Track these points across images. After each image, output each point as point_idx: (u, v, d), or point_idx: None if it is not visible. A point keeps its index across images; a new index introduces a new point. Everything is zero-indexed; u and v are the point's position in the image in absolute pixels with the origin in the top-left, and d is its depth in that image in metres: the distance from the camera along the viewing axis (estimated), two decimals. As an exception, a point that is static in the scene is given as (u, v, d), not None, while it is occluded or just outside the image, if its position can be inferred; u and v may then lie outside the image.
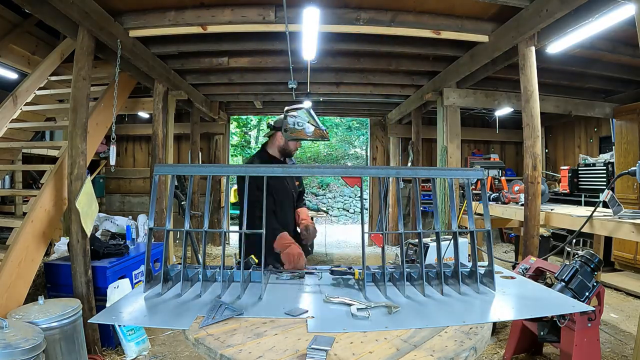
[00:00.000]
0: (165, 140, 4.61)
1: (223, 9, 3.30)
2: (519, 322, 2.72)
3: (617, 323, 3.46)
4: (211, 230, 1.59)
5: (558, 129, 7.34)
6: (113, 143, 3.47)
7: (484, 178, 1.68)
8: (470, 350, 1.09)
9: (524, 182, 3.35)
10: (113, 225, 4.27)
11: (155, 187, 1.57)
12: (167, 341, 3.21)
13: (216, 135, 7.61)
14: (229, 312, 1.31)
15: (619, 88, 5.40)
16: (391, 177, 1.62)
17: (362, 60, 4.70)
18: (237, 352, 1.06)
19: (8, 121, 3.90)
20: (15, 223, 2.98)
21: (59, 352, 2.37)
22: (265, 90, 5.94)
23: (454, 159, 4.71)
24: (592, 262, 2.31)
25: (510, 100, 4.98)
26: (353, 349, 1.08)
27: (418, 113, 6.22)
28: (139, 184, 7.80)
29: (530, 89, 3.22)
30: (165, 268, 1.56)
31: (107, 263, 3.10)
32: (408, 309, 1.36)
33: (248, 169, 1.74)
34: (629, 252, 4.86)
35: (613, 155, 5.34)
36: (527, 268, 2.68)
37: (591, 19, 2.74)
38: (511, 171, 7.77)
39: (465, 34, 3.56)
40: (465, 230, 1.69)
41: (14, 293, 2.67)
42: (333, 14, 3.32)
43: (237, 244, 7.33)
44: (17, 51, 4.24)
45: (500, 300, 1.47)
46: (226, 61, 4.61)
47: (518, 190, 4.37)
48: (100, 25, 3.10)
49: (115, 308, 1.40)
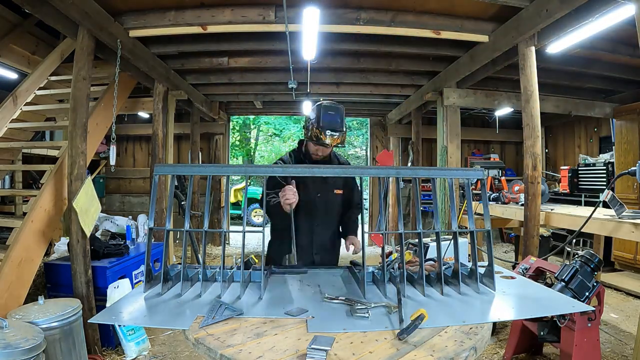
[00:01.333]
0: (165, 140, 4.61)
1: (223, 9, 3.30)
2: (519, 322, 2.72)
3: (617, 323, 3.46)
4: (211, 230, 1.59)
5: (558, 129, 7.34)
6: (113, 143, 3.47)
7: (484, 178, 1.68)
8: (470, 350, 1.09)
9: (524, 182, 3.35)
10: (113, 225, 4.27)
11: (155, 187, 1.57)
12: (167, 341, 3.21)
13: (216, 135, 7.62)
14: (229, 312, 1.31)
15: (619, 88, 5.40)
16: (391, 177, 1.62)
17: (362, 60, 4.70)
18: (237, 352, 1.06)
19: (8, 121, 3.90)
20: (15, 223, 2.98)
21: (59, 352, 2.37)
22: (265, 90, 5.94)
23: (454, 159, 4.71)
24: (592, 262, 2.31)
25: (510, 100, 4.98)
26: (353, 349, 1.08)
27: (418, 113, 6.22)
28: (139, 184, 7.80)
29: (530, 89, 3.22)
30: (165, 268, 1.56)
31: (107, 263, 3.11)
32: (408, 309, 1.36)
33: (248, 169, 1.74)
34: (629, 252, 4.86)
35: (613, 155, 5.34)
36: (527, 268, 2.67)
37: (591, 19, 2.74)
38: (511, 171, 7.78)
39: (465, 34, 3.56)
40: (465, 230, 1.68)
41: (14, 293, 2.68)
42: (333, 14, 3.32)
43: (237, 244, 7.35)
44: (17, 51, 4.24)
45: (500, 300, 1.47)
46: (226, 61, 4.61)
47: (518, 190, 4.37)
48: (100, 25, 3.10)
49: (115, 308, 1.40)
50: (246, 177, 1.74)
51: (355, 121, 13.33)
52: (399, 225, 1.62)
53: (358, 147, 14.15)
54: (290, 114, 9.87)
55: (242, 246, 1.55)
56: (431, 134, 6.14)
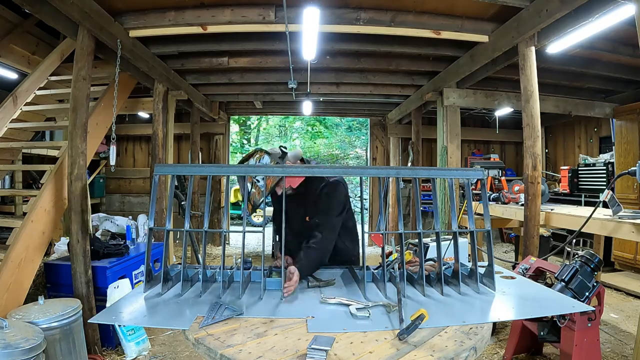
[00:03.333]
0: (165, 140, 4.61)
1: (223, 9, 3.30)
2: (519, 322, 2.72)
3: (617, 323, 3.46)
4: (211, 230, 1.59)
5: (558, 129, 7.34)
6: (113, 143, 3.47)
7: (484, 178, 1.68)
8: (470, 350, 1.09)
9: (524, 182, 3.35)
10: (113, 225, 4.27)
11: (155, 187, 1.57)
12: (167, 341, 3.21)
13: (216, 135, 7.62)
14: (229, 312, 1.31)
15: (619, 88, 5.40)
16: (391, 177, 1.62)
17: (362, 60, 4.70)
18: (237, 352, 1.06)
19: (8, 121, 3.90)
20: (15, 223, 2.98)
21: (59, 352, 2.37)
22: (265, 90, 5.94)
23: (454, 159, 4.71)
24: (592, 262, 2.31)
25: (510, 100, 4.98)
26: (353, 349, 1.08)
27: (418, 113, 6.22)
28: (139, 184, 7.80)
29: (530, 89, 3.22)
30: (165, 268, 1.56)
31: (107, 263, 3.10)
32: (408, 309, 1.36)
33: (248, 169, 1.74)
34: (629, 252, 4.86)
35: (613, 155, 5.34)
36: (527, 268, 2.67)
37: (591, 19, 2.73)
38: (511, 171, 7.78)
39: (465, 34, 3.56)
40: (465, 230, 1.69)
41: (14, 293, 2.67)
42: (333, 14, 3.32)
43: (237, 244, 7.34)
44: (17, 51, 4.24)
45: (500, 300, 1.47)
46: (226, 61, 4.61)
47: (518, 190, 4.37)
48: (100, 25, 3.10)
49: (115, 308, 1.40)
50: (246, 177, 1.74)
51: (355, 121, 13.33)
52: (399, 225, 1.62)
53: (358, 147, 14.13)
54: (290, 114, 9.87)
55: (242, 246, 1.55)
56: (431, 134, 6.14)
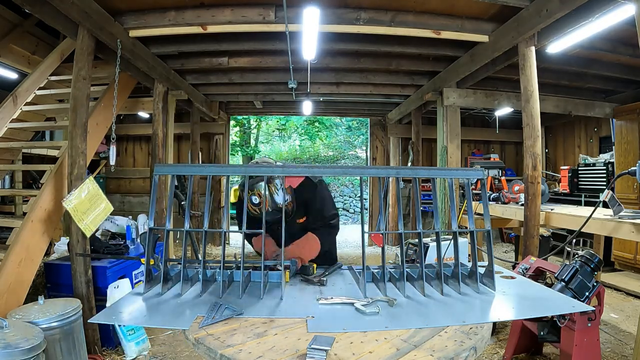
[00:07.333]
0: (165, 140, 4.61)
1: (223, 9, 3.30)
2: (519, 322, 2.72)
3: (617, 323, 3.46)
4: (211, 230, 1.59)
5: (558, 129, 7.34)
6: (113, 143, 3.47)
7: (484, 178, 1.68)
8: (470, 350, 1.09)
9: (524, 182, 3.35)
10: (113, 225, 4.26)
11: (155, 187, 1.57)
12: (167, 341, 3.21)
13: (216, 135, 7.61)
14: (229, 312, 1.31)
15: (619, 88, 5.40)
16: (391, 177, 1.62)
17: (362, 60, 4.69)
18: (237, 352, 1.06)
19: (8, 121, 3.90)
20: (15, 223, 2.98)
21: (59, 352, 2.37)
22: (265, 90, 5.94)
23: (454, 159, 4.71)
24: (592, 262, 2.31)
25: (510, 100, 4.98)
26: (353, 349, 1.08)
27: (418, 113, 6.22)
28: (139, 184, 7.80)
29: (530, 89, 3.22)
30: (165, 268, 1.56)
31: (107, 263, 3.11)
32: (408, 309, 1.36)
33: (248, 169, 1.74)
34: (629, 252, 4.86)
35: (613, 155, 5.34)
36: (527, 268, 2.67)
37: (591, 19, 2.73)
38: (511, 171, 7.78)
39: (465, 34, 3.56)
40: (465, 230, 1.69)
41: (14, 293, 2.67)
42: (333, 14, 3.32)
43: (237, 244, 7.34)
44: (17, 51, 4.24)
45: (500, 300, 1.47)
46: (226, 61, 4.61)
47: (518, 190, 4.37)
48: (100, 25, 3.10)
49: (115, 308, 1.40)
50: (246, 176, 1.74)
51: (355, 121, 13.33)
52: (399, 225, 1.62)
53: (358, 147, 14.14)
54: (290, 114, 9.87)
55: (242, 246, 1.55)
56: (431, 134, 6.14)
